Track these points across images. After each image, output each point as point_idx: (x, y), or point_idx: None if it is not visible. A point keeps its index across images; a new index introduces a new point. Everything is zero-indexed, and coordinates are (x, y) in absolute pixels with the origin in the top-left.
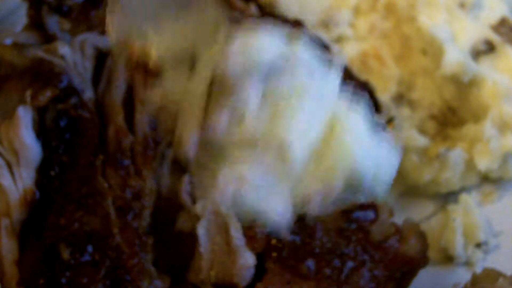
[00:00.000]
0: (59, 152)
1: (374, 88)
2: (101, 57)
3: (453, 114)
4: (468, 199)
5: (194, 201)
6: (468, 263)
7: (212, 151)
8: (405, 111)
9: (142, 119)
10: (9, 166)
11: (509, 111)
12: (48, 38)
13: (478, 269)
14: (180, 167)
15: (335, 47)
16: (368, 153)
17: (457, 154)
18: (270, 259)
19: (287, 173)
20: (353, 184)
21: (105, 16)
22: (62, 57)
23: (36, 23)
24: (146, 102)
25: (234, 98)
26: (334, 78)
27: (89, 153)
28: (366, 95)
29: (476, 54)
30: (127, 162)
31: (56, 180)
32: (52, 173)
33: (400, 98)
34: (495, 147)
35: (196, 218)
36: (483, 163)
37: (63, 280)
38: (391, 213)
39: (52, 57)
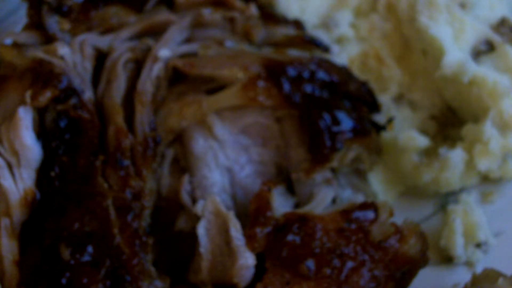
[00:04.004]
0: (59, 153)
1: (374, 88)
2: (101, 58)
3: (453, 114)
4: (468, 199)
5: (194, 201)
6: (468, 263)
7: None
8: (405, 111)
9: (142, 119)
10: (9, 166)
11: (509, 111)
12: (48, 38)
13: (478, 269)
14: (180, 167)
15: (335, 48)
16: None
17: (457, 154)
18: (270, 259)
19: None
20: None
21: (105, 16)
22: (62, 57)
23: (36, 23)
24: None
25: None
26: None
27: (89, 153)
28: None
29: (476, 54)
30: (127, 162)
31: (56, 181)
32: (52, 173)
33: (400, 98)
34: (495, 147)
35: (196, 218)
36: (483, 163)
37: (63, 281)
38: (391, 213)
39: (52, 57)
